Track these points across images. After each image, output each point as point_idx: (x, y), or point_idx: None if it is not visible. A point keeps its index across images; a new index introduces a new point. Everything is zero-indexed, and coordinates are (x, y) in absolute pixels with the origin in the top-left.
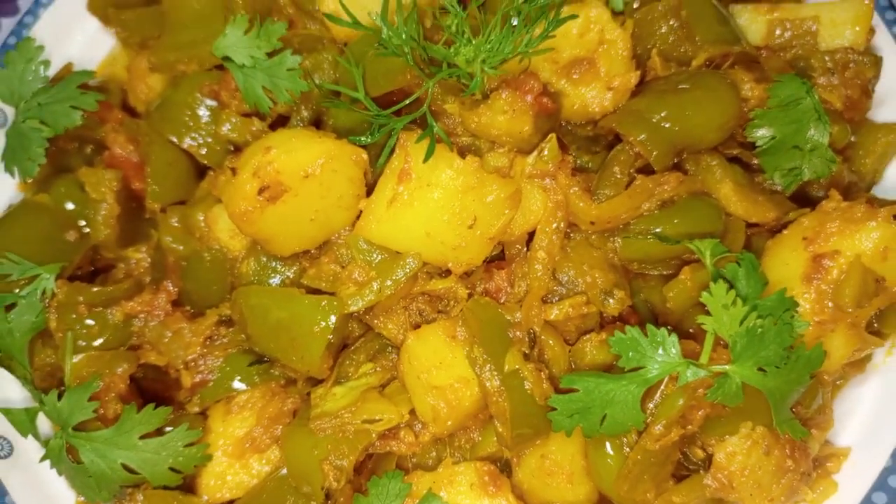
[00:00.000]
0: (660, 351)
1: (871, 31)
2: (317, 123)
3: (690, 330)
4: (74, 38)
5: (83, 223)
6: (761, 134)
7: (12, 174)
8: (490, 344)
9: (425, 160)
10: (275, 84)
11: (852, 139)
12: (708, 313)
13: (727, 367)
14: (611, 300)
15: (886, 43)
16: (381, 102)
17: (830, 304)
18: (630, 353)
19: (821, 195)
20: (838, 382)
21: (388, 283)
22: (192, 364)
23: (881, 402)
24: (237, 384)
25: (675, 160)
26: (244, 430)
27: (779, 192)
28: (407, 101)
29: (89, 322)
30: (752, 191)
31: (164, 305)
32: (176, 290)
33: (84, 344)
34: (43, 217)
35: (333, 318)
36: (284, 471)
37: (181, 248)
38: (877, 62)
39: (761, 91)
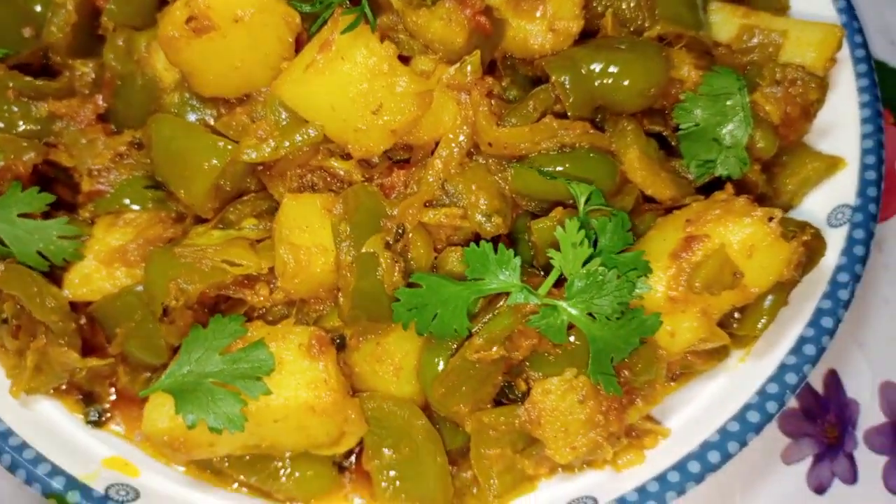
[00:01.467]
0: (504, 270)
1: (833, 60)
2: None
3: None
4: None
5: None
6: (685, 117)
7: None
8: (359, 225)
9: (343, 31)
10: None
11: (784, 158)
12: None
13: (558, 301)
14: (487, 223)
15: (846, 80)
16: None
17: (684, 282)
18: (476, 265)
19: None
20: (684, 372)
21: (286, 143)
22: (96, 173)
23: (717, 397)
24: (130, 203)
25: (595, 117)
26: (121, 243)
27: (688, 178)
28: None
29: (14, 108)
30: (659, 166)
31: (88, 115)
32: (104, 105)
33: (2, 126)
34: (6, 7)
35: (224, 159)
36: (141, 288)
37: (119, 67)
38: (823, 86)
39: (697, 77)
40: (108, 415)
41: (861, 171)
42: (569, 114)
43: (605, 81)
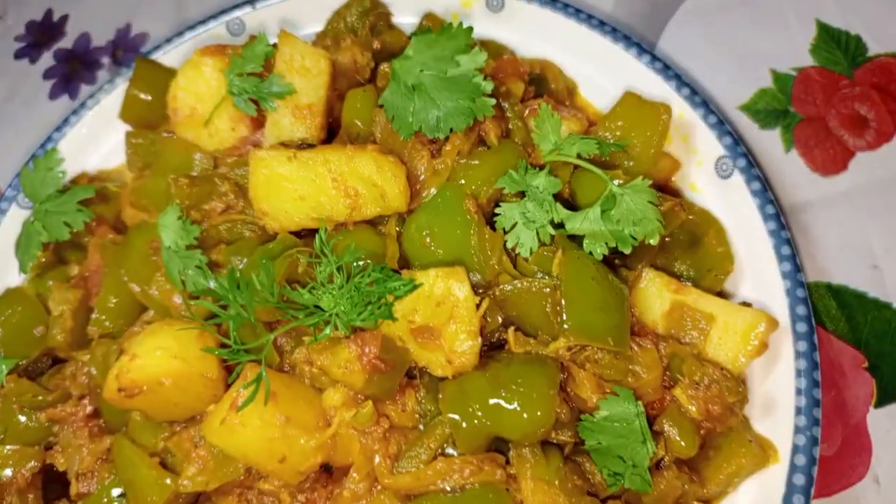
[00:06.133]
0: None
1: (765, 345)
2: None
3: None
4: (104, 140)
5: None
6: (589, 436)
7: (17, 259)
8: None
9: (238, 409)
10: (186, 273)
11: (718, 441)
12: None
13: None
14: None
15: (787, 354)
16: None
17: None
18: None
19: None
20: None
21: (215, 481)
22: (83, 476)
23: None
24: None
25: (494, 445)
26: None
27: (597, 486)
28: (264, 341)
29: (21, 418)
30: (558, 489)
31: (80, 417)
32: (92, 408)
33: (12, 435)
34: (22, 308)
35: (164, 495)
36: None
37: (99, 378)
38: (739, 392)
39: (597, 401)
40: None
41: (789, 473)
42: (459, 449)
43: (494, 423)
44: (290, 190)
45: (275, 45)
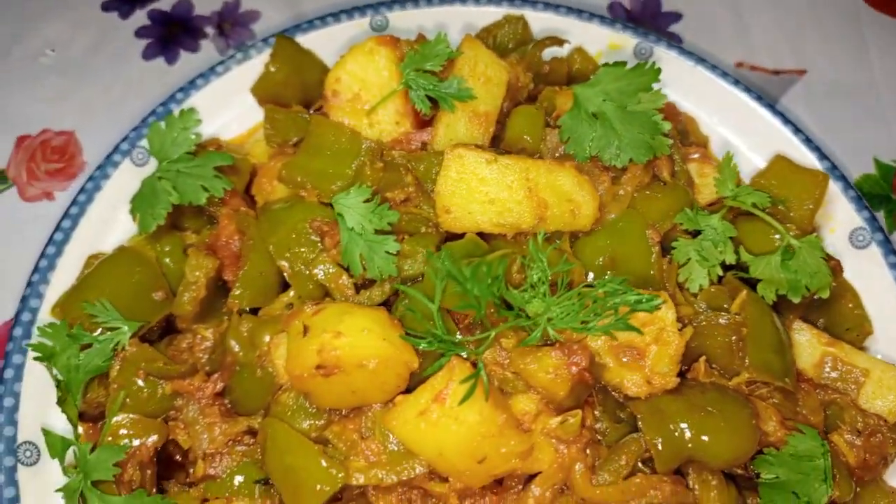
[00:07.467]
0: None
1: None
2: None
3: None
4: (221, 110)
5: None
6: (767, 469)
7: (134, 218)
8: None
9: (460, 402)
10: (371, 258)
11: (857, 490)
12: None
13: None
14: None
15: None
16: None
17: None
18: None
19: None
20: None
21: (392, 476)
22: (210, 457)
23: None
24: (238, 492)
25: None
26: None
27: None
28: (473, 339)
29: (141, 384)
30: None
31: (207, 394)
32: (222, 385)
33: (130, 403)
34: (140, 269)
35: (335, 486)
36: None
37: (241, 354)
38: None
39: (783, 434)
40: None
41: None
42: (658, 470)
43: (695, 446)
44: (481, 192)
45: None
